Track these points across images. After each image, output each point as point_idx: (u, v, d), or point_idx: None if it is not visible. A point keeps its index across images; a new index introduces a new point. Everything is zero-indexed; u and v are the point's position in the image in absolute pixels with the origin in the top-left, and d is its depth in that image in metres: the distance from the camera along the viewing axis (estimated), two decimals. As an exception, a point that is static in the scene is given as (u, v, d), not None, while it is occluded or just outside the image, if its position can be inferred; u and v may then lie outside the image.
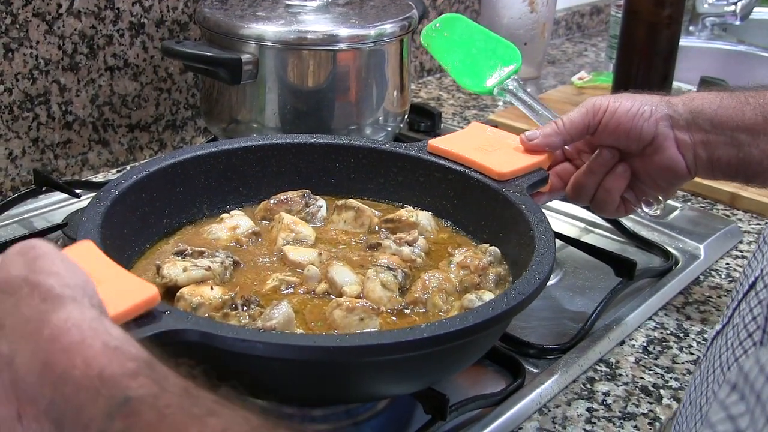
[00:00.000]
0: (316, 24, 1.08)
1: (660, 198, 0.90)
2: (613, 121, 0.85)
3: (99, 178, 1.17)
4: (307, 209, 0.87)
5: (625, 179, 0.88)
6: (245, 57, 1.05)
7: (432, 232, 0.87)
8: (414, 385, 0.68)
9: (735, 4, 1.83)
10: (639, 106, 0.85)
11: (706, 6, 1.90)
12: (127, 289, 0.57)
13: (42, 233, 0.96)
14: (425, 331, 0.59)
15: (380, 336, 0.61)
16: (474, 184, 0.86)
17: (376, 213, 0.88)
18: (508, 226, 0.81)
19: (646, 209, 0.91)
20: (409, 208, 0.89)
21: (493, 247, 0.81)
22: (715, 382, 0.57)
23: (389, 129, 1.17)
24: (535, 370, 0.81)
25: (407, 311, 0.74)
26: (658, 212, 0.90)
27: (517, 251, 0.78)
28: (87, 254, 0.61)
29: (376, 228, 0.87)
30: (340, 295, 0.74)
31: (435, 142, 0.90)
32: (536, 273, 0.69)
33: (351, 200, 0.88)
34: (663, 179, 0.88)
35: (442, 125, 1.36)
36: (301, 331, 0.69)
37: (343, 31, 1.07)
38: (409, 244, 0.81)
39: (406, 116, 1.22)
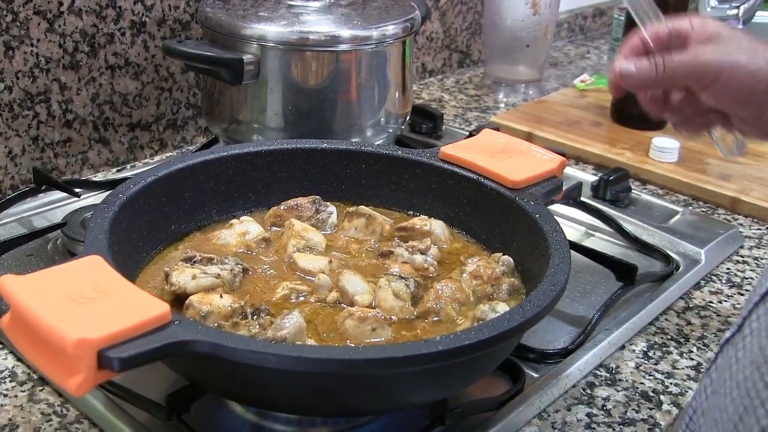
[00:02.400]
0: (319, 25, 1.08)
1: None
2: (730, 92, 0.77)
3: (99, 177, 1.16)
4: (318, 216, 0.87)
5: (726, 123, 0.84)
6: (247, 57, 1.05)
7: (445, 242, 0.87)
8: (427, 397, 0.68)
9: (737, 8, 1.83)
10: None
11: (708, 10, 1.90)
12: (138, 305, 0.57)
13: (41, 232, 0.96)
14: (440, 344, 0.59)
15: (395, 349, 0.61)
16: (487, 192, 0.86)
17: (388, 221, 0.88)
18: (522, 236, 0.81)
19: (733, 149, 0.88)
20: (423, 216, 0.89)
21: (506, 257, 0.81)
22: (727, 395, 0.56)
23: (391, 130, 1.17)
24: (534, 375, 0.80)
25: (420, 321, 0.74)
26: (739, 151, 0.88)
27: (532, 261, 0.78)
28: (96, 268, 0.61)
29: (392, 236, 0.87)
30: (352, 304, 0.74)
31: (447, 149, 0.90)
32: (552, 284, 0.68)
33: (362, 207, 0.88)
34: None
35: (444, 127, 1.36)
36: (313, 341, 0.69)
37: (345, 32, 1.07)
38: (422, 252, 0.81)
39: (407, 118, 1.22)
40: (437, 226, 0.87)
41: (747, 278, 1.01)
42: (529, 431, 0.74)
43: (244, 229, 0.84)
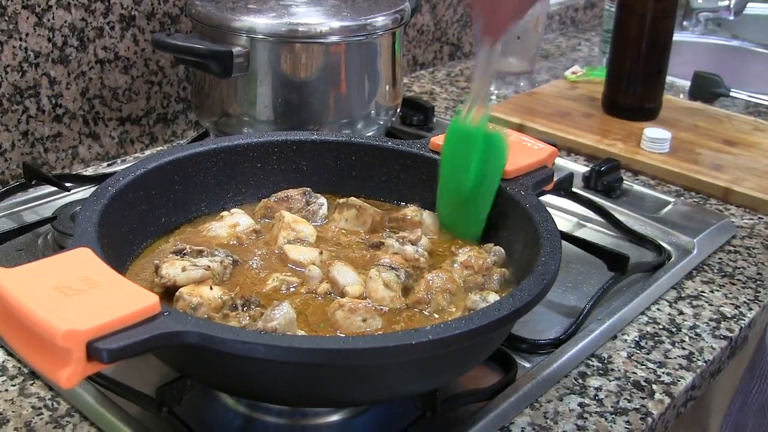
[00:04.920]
0: (308, 17, 1.07)
1: None
2: None
3: (89, 171, 1.16)
4: (308, 207, 0.87)
5: None
6: (236, 50, 1.05)
7: (436, 232, 0.86)
8: (418, 387, 0.68)
9: (729, -1, 1.84)
10: None
11: (700, 1, 1.91)
12: (127, 297, 0.57)
13: (31, 227, 0.96)
14: (430, 334, 0.59)
15: (384, 338, 0.61)
16: None
17: (379, 212, 0.88)
18: (512, 226, 0.81)
19: None
20: (414, 207, 0.88)
21: (497, 247, 0.81)
22: None
23: (381, 123, 1.17)
24: (527, 365, 0.81)
25: (410, 311, 0.74)
26: None
27: (522, 251, 0.78)
28: (85, 260, 0.61)
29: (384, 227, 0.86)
30: (343, 295, 0.74)
31: (437, 140, 0.89)
32: (542, 273, 0.68)
33: (353, 198, 0.88)
34: None
35: (434, 119, 1.36)
36: (304, 332, 0.69)
37: (335, 24, 1.07)
38: (413, 243, 0.81)
39: (398, 110, 1.22)
40: (428, 217, 0.86)
41: (739, 268, 1.01)
42: (521, 421, 0.74)
43: (235, 221, 0.84)
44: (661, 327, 0.89)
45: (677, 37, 1.40)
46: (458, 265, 0.79)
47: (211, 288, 0.70)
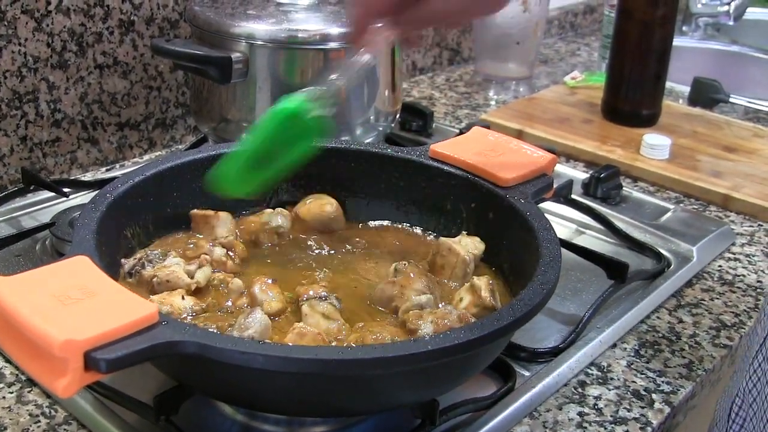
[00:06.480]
0: (307, 23, 1.07)
1: None
2: None
3: (88, 176, 1.16)
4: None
5: None
6: (235, 56, 1.05)
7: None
8: (417, 397, 0.67)
9: (728, 4, 1.84)
10: None
11: (699, 6, 1.91)
12: (125, 306, 0.57)
13: (30, 233, 0.95)
14: (429, 344, 0.59)
15: (384, 349, 0.60)
16: (477, 190, 0.85)
17: None
18: (512, 234, 0.80)
19: None
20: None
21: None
22: None
23: (380, 128, 1.17)
24: (526, 374, 0.80)
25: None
26: None
27: (522, 259, 0.78)
28: (83, 269, 0.61)
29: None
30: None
31: (437, 147, 0.89)
32: (542, 282, 0.68)
33: None
34: None
35: (434, 125, 1.36)
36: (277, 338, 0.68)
37: (334, 30, 1.07)
38: (224, 246, 0.79)
39: (397, 115, 1.22)
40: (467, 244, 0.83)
41: (739, 275, 1.01)
42: (520, 431, 0.74)
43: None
44: (660, 335, 0.89)
45: (676, 42, 1.40)
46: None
47: (183, 298, 0.70)
